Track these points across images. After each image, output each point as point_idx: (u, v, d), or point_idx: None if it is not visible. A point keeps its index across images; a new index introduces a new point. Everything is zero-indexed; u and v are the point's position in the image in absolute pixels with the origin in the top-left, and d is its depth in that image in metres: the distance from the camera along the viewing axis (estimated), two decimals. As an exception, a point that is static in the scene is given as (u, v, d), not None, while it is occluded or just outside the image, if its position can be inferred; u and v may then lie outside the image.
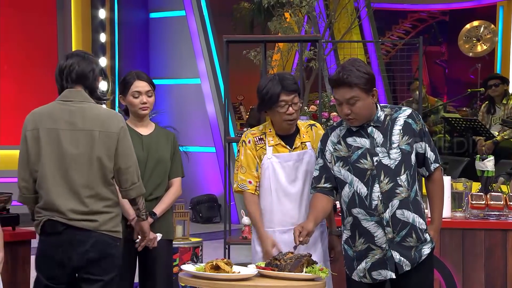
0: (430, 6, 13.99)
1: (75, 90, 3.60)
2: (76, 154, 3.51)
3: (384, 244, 3.45)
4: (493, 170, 4.82)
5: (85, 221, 3.50)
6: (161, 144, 4.19)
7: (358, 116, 3.43)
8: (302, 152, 3.79)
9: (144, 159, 4.10)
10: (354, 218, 3.50)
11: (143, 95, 4.14)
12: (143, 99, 4.14)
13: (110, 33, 10.47)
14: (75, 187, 3.51)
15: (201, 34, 10.39)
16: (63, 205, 3.49)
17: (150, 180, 4.11)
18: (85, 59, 3.66)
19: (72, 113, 3.56)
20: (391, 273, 3.47)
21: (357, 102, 3.39)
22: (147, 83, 4.17)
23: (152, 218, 4.08)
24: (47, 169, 3.51)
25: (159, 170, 4.15)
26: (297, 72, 9.10)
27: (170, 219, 4.26)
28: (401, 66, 8.80)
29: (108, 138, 3.55)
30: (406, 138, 3.47)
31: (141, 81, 4.15)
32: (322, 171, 3.57)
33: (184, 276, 3.32)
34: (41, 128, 3.55)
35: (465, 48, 12.44)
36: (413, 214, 3.46)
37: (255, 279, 3.27)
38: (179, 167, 4.26)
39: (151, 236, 4.04)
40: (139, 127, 4.20)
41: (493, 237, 4.48)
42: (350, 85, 3.37)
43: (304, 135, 3.83)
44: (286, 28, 9.00)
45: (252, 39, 7.69)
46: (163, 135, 4.24)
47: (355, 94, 3.38)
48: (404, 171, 3.44)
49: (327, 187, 3.56)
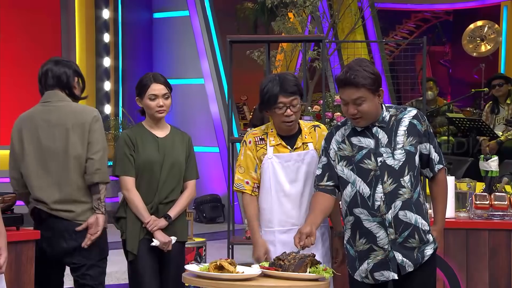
0: (434, 6, 13.97)
1: (53, 92, 4.01)
2: (54, 148, 3.93)
3: (387, 245, 3.44)
4: (497, 170, 4.81)
5: (65, 212, 3.91)
6: (176, 147, 4.22)
7: (365, 116, 3.42)
8: (303, 153, 3.77)
9: (160, 162, 4.14)
10: (355, 217, 3.49)
11: (160, 98, 4.16)
12: (160, 102, 4.16)
13: (113, 33, 10.48)
14: (55, 179, 3.91)
15: (204, 34, 10.39)
16: (46, 196, 3.93)
17: (166, 183, 4.16)
18: (58, 64, 4.05)
19: (49, 112, 3.97)
20: (393, 274, 3.46)
21: (363, 102, 3.38)
22: (164, 86, 4.19)
23: (167, 221, 4.13)
24: (30, 166, 3.95)
25: (175, 172, 4.18)
26: (301, 72, 9.10)
27: (184, 221, 4.30)
28: (404, 66, 8.79)
29: (80, 128, 3.92)
30: (411, 139, 3.46)
31: (158, 84, 4.18)
32: (325, 169, 3.55)
33: (188, 276, 3.32)
34: (24, 129, 3.99)
35: (469, 48, 12.42)
36: (415, 215, 3.44)
37: (259, 279, 3.27)
38: (193, 169, 4.29)
39: (166, 240, 4.10)
40: (155, 129, 4.23)
41: (497, 237, 4.48)
42: (357, 86, 3.35)
43: (307, 136, 3.81)
44: (289, 28, 9.00)
45: (256, 39, 7.68)
46: (178, 137, 4.26)
47: (362, 95, 3.37)
48: (407, 172, 3.43)
49: (329, 185, 3.54)
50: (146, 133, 4.22)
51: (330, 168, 3.54)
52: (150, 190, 4.17)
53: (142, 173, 4.16)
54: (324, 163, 3.56)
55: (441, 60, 14.77)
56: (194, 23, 10.50)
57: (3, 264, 3.02)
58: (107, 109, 10.53)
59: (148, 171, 4.15)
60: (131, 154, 4.15)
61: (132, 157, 4.15)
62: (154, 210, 4.17)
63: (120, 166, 4.16)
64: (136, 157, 4.16)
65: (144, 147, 4.17)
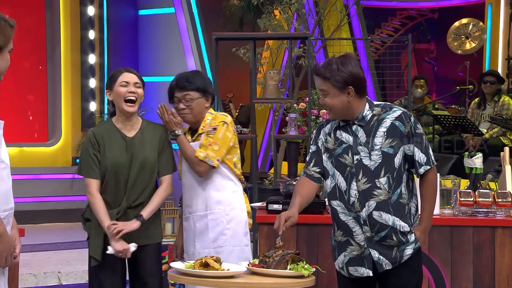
0: (419, 3, 14.02)
1: None
2: None
3: (363, 242, 3.45)
4: (482, 167, 4.83)
5: None
6: (146, 145, 3.98)
7: (332, 109, 3.46)
8: (196, 144, 4.01)
9: (128, 164, 3.92)
10: (332, 209, 3.51)
11: (131, 85, 3.97)
12: (131, 88, 3.96)
13: (99, 30, 10.44)
14: None
15: (190, 31, 10.38)
16: None
17: (135, 186, 3.93)
18: None
19: None
20: (368, 271, 3.45)
21: (327, 96, 3.44)
22: (136, 76, 4.03)
23: (139, 221, 3.88)
24: None
25: (145, 173, 3.95)
26: (287, 70, 9.10)
27: (158, 222, 4.07)
28: (390, 64, 8.82)
29: None
30: (390, 140, 3.43)
31: (130, 73, 4.01)
32: (313, 155, 3.59)
33: (173, 274, 3.32)
34: None
35: (454, 46, 12.48)
36: (393, 217, 3.42)
37: (244, 276, 3.27)
38: (169, 163, 4.03)
39: (121, 248, 3.84)
40: (125, 127, 4.00)
41: (481, 234, 4.49)
42: (323, 78, 3.44)
43: (204, 127, 4.02)
44: (275, 26, 9.01)
45: (242, 36, 7.68)
46: (150, 133, 4.02)
47: (326, 88, 3.44)
48: (384, 174, 3.41)
49: (315, 171, 3.56)
50: (114, 132, 3.98)
51: (318, 156, 3.57)
52: (117, 194, 3.94)
53: (109, 176, 3.93)
54: (313, 150, 3.60)
55: (426, 58, 14.82)
56: (180, 20, 10.49)
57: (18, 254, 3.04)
58: (92, 107, 10.50)
59: (115, 174, 3.92)
60: (95, 154, 3.93)
61: (96, 158, 3.93)
62: (121, 214, 3.93)
63: (84, 167, 3.96)
64: (102, 159, 3.93)
65: (110, 148, 3.95)
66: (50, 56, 10.38)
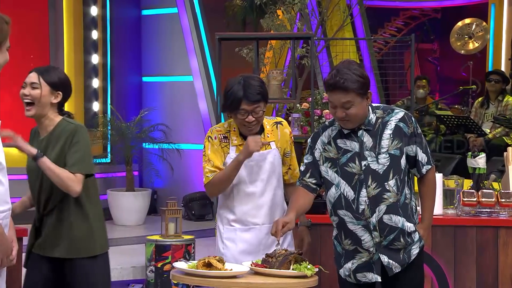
0: (422, 3, 14.00)
1: None
2: None
3: (372, 248, 3.44)
4: (485, 167, 4.83)
5: None
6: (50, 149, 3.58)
7: (353, 119, 3.40)
8: (265, 152, 3.76)
9: (36, 169, 3.57)
10: (340, 218, 3.49)
11: (28, 87, 3.58)
12: (25, 91, 3.57)
13: (102, 30, 10.44)
14: None
15: (193, 31, 10.37)
16: None
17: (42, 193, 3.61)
18: None
19: None
20: (376, 276, 3.46)
21: (352, 106, 3.35)
22: (36, 74, 3.59)
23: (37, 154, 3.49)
24: None
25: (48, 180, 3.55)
26: (290, 70, 9.10)
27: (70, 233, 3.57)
28: (393, 64, 8.81)
29: None
30: (396, 142, 3.44)
31: (33, 72, 3.61)
32: (309, 166, 3.55)
33: (176, 274, 3.32)
34: None
35: (457, 46, 12.45)
36: (402, 218, 3.43)
37: (247, 276, 3.28)
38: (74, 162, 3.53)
39: None
40: (40, 129, 3.67)
41: (485, 234, 4.49)
42: (346, 90, 3.33)
43: (269, 134, 3.79)
44: (278, 26, 9.01)
45: (245, 36, 7.68)
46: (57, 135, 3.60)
47: (350, 99, 3.34)
48: (392, 176, 3.41)
49: (312, 182, 3.54)
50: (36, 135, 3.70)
51: (314, 166, 3.53)
52: (34, 201, 3.67)
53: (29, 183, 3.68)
54: (309, 161, 3.55)
55: (429, 58, 14.81)
56: (183, 20, 10.49)
57: (15, 256, 3.03)
58: (95, 107, 10.50)
59: (29, 181, 3.67)
60: None
61: None
62: (38, 224, 3.64)
63: None
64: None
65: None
66: (53, 56, 10.37)
